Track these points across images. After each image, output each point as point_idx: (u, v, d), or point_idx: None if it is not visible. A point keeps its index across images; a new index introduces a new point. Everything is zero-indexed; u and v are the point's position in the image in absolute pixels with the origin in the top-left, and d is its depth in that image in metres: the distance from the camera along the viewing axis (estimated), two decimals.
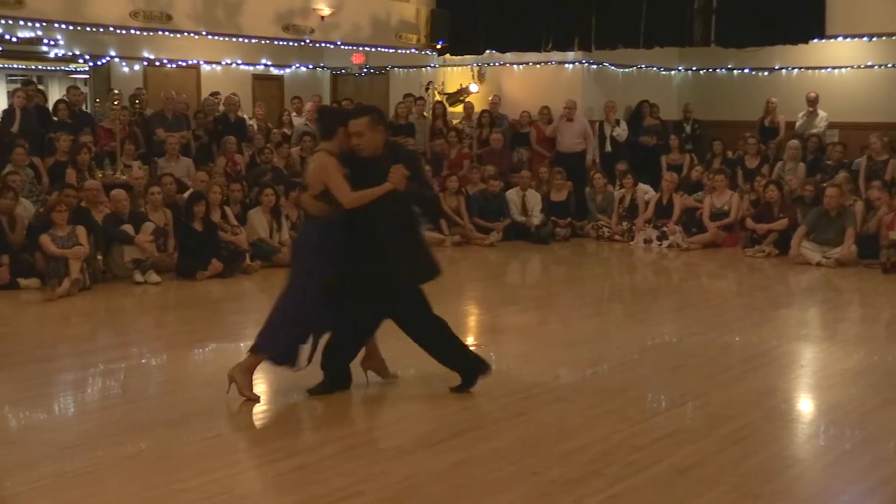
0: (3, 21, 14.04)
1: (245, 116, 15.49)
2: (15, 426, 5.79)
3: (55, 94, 19.13)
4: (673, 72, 18.10)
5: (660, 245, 13.33)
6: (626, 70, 17.21)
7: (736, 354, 7.66)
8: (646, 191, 14.19)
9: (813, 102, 15.22)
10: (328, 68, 19.64)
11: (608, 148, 15.84)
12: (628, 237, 13.79)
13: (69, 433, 5.61)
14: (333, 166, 6.00)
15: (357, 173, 6.02)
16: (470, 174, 14.52)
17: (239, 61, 18.05)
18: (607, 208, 14.35)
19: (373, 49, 17.46)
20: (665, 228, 13.43)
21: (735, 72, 17.40)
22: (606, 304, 10.14)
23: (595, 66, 16.75)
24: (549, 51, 16.21)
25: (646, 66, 17.39)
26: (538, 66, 16.99)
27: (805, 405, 6.48)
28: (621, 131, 15.93)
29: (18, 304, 9.40)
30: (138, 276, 10.18)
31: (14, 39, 15.18)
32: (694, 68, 17.96)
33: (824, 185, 12.66)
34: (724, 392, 6.45)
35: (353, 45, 17.17)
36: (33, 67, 20.32)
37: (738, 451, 5.27)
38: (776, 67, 16.78)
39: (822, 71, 16.33)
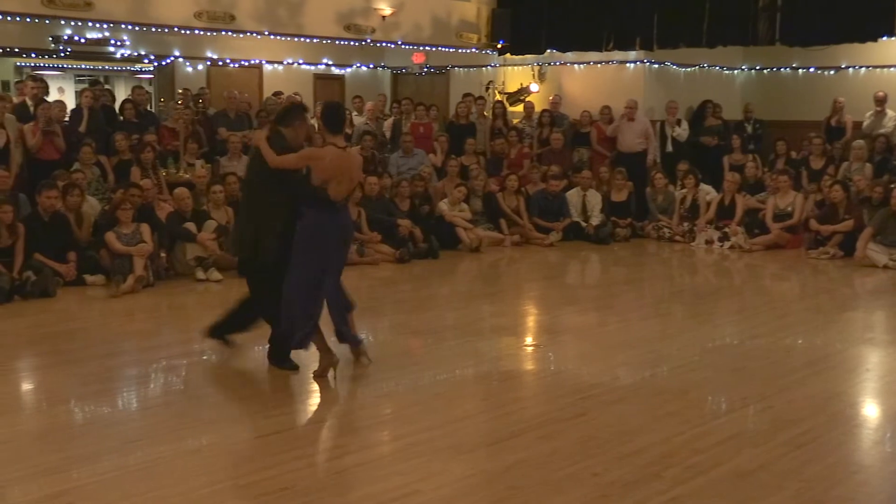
0: (72, 23, 14.32)
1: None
2: (80, 420, 5.89)
3: (121, 93, 19.46)
4: (736, 71, 17.88)
5: (721, 246, 13.18)
6: (689, 69, 17.04)
7: (799, 358, 7.55)
8: (707, 191, 14.04)
9: (881, 102, 14.93)
10: (389, 68, 19.71)
11: (669, 148, 15.70)
12: (689, 238, 13.65)
13: (132, 427, 5.71)
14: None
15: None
16: (530, 174, 14.48)
17: (300, 61, 18.20)
18: (668, 209, 14.23)
19: (433, 49, 17.49)
20: (727, 229, 13.28)
21: (800, 71, 17.15)
22: (666, 305, 10.05)
23: (657, 66, 16.61)
24: (610, 50, 16.11)
25: (708, 66, 17.21)
26: (599, 65, 16.89)
27: (870, 410, 6.37)
28: (682, 131, 15.78)
29: (84, 300, 9.57)
30: (200, 274, 10.31)
31: (82, 41, 15.47)
32: (758, 67, 17.73)
33: (893, 185, 12.42)
34: (787, 396, 6.36)
35: (413, 45, 17.22)
36: (100, 68, 20.71)
37: (801, 456, 5.19)
38: (842, 66, 16.50)
39: (891, 69, 16.01)
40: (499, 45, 17.27)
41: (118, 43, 16.03)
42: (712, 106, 16.24)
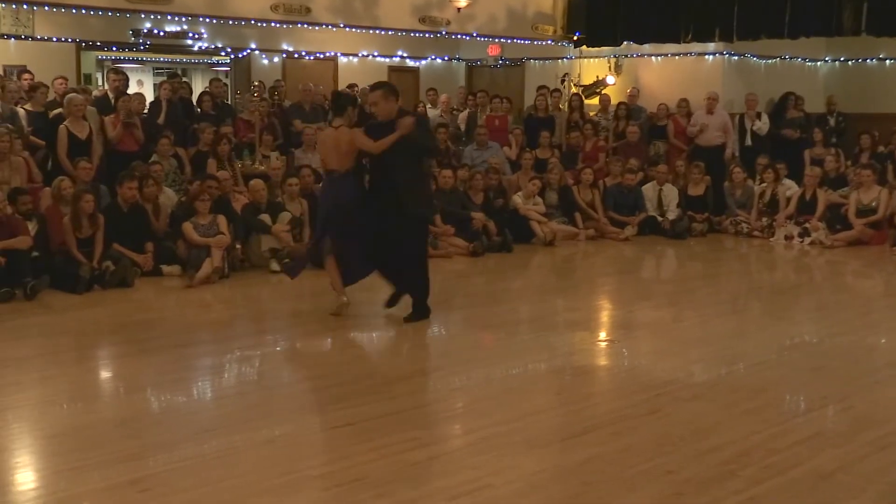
0: (152, 16, 14.58)
1: None
2: (157, 408, 6.00)
3: (198, 86, 19.74)
4: (819, 62, 17.55)
5: (801, 242, 12.95)
6: (769, 61, 16.77)
7: (882, 357, 7.39)
8: (788, 186, 13.80)
9: None
10: (464, 60, 19.73)
11: (748, 142, 15.47)
12: (768, 233, 13.44)
13: (207, 416, 5.80)
14: (358, 132, 8.08)
15: (378, 134, 7.96)
16: (606, 167, 14.39)
17: (375, 53, 18.31)
18: (746, 203, 14.02)
19: (509, 41, 17.46)
20: (807, 225, 13.05)
21: (888, 62, 16.75)
22: (744, 301, 9.91)
23: (736, 58, 16.38)
24: (688, 42, 15.92)
25: (790, 57, 16.92)
26: (677, 57, 16.71)
27: None
28: (762, 124, 15.53)
29: (161, 290, 9.74)
30: (274, 266, 10.42)
31: (161, 34, 15.75)
32: (842, 59, 17.37)
33: None
34: (869, 396, 6.23)
35: (489, 37, 17.21)
36: (178, 60, 21.03)
37: (884, 458, 5.08)
38: None
39: None
40: (575, 37, 17.18)
41: (196, 36, 16.29)
42: (794, 98, 15.96)
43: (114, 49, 17.71)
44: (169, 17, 14.73)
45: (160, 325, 8.25)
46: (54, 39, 15.52)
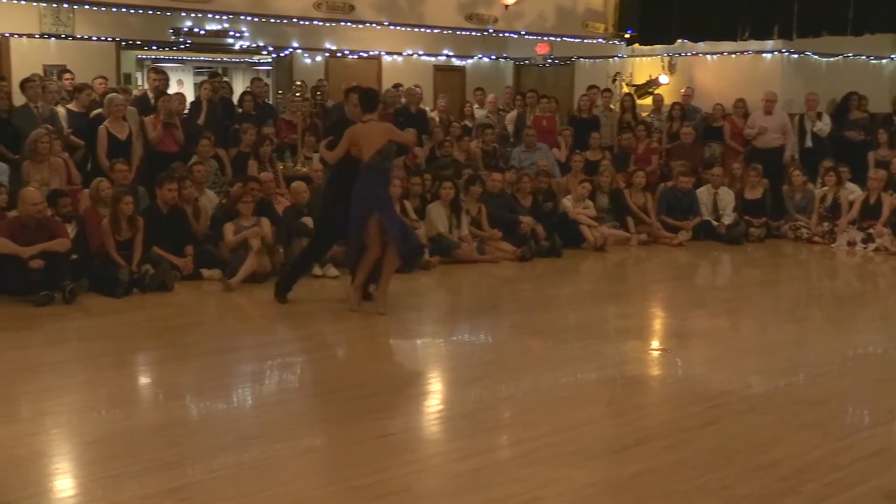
0: (192, 15, 14.72)
1: (426, 108, 15.70)
2: (196, 415, 6.04)
3: (238, 85, 19.89)
4: (884, 60, 17.31)
5: (865, 248, 12.77)
6: (831, 59, 16.57)
7: None
8: (852, 190, 13.61)
9: None
10: (511, 59, 19.72)
11: (808, 143, 15.28)
12: (829, 239, 13.27)
13: (247, 424, 5.82)
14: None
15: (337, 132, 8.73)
16: (659, 170, 14.30)
17: (420, 52, 18.34)
18: (807, 207, 13.85)
19: (558, 39, 17.43)
20: (871, 230, 12.86)
21: None
22: (804, 309, 9.79)
23: (796, 56, 16.20)
24: (745, 39, 15.78)
25: (853, 55, 16.71)
26: (734, 55, 16.57)
27: None
28: (823, 125, 15.32)
29: (201, 294, 9.81)
30: (317, 270, 10.43)
31: (202, 32, 15.89)
32: None
33: None
34: None
35: (537, 35, 17.18)
36: (219, 59, 21.22)
37: None
38: None
39: None
40: (627, 35, 17.10)
41: (237, 34, 16.42)
42: (857, 98, 15.72)
43: (154, 48, 17.92)
44: (210, 16, 14.87)
45: (200, 330, 8.31)
46: (94, 39, 15.72)
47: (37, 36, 15.22)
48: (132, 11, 13.91)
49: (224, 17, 15.05)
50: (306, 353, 7.64)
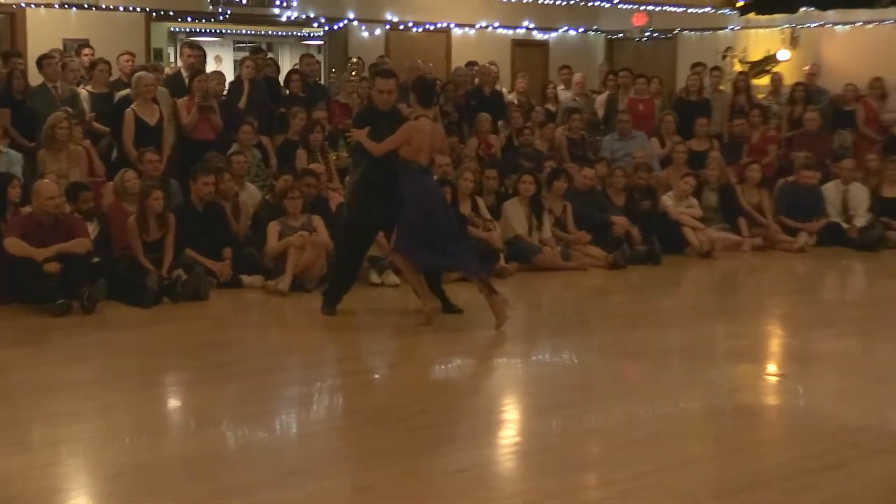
0: None
1: (503, 90, 15.68)
2: (234, 445, 6.08)
3: (286, 63, 20.07)
4: None
5: None
6: None
7: None
8: None
9: None
10: (603, 32, 19.66)
11: None
12: None
13: (292, 457, 5.84)
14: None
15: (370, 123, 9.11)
16: (778, 162, 14.15)
17: (496, 24, 18.36)
18: None
19: (658, 8, 17.34)
20: None
21: None
22: None
23: None
24: (885, 6, 15.55)
25: None
26: (869, 26, 16.37)
27: None
28: None
29: (241, 304, 9.90)
30: (374, 277, 10.46)
31: (243, 2, 16.05)
32: None
33: None
34: None
35: (633, 4, 17.10)
36: (263, 33, 21.43)
37: None
38: None
39: None
40: (740, 3, 16.94)
41: (284, 4, 16.56)
42: None
43: (189, 20, 18.12)
44: None
45: (238, 347, 8.37)
46: (121, 9, 15.96)
47: (56, 6, 15.50)
48: None
49: None
50: (361, 375, 7.66)
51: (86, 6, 15.64)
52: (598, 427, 6.35)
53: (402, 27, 17.76)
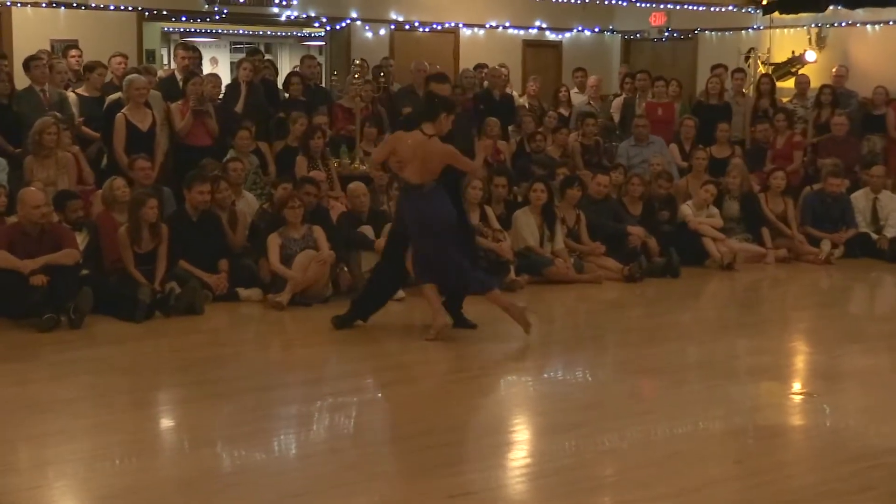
0: None
1: (514, 93, 15.71)
2: (230, 467, 6.09)
3: (285, 65, 20.12)
4: None
5: None
6: None
7: None
8: None
9: None
10: (619, 32, 19.68)
11: None
12: None
13: (292, 479, 5.84)
14: (455, 152, 8.91)
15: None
16: (803, 169, 14.14)
17: (507, 24, 18.40)
18: None
19: (677, 7, 17.34)
20: None
21: None
22: None
23: None
24: None
25: None
26: None
27: None
28: None
29: (238, 319, 9.91)
30: None
31: (240, 1, 16.08)
32: None
33: None
34: None
35: (651, 3, 17.12)
36: (261, 33, 21.49)
37: None
38: None
39: None
40: (763, 2, 16.96)
41: (283, 3, 16.60)
42: None
43: (183, 19, 18.19)
44: None
45: (236, 364, 8.38)
46: (111, 8, 16.01)
47: (43, 5, 15.56)
48: None
49: None
50: (364, 392, 7.67)
51: (74, 5, 15.70)
52: (613, 448, 6.36)
53: (407, 27, 17.79)
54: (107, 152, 11.82)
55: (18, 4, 15.35)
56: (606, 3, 17.17)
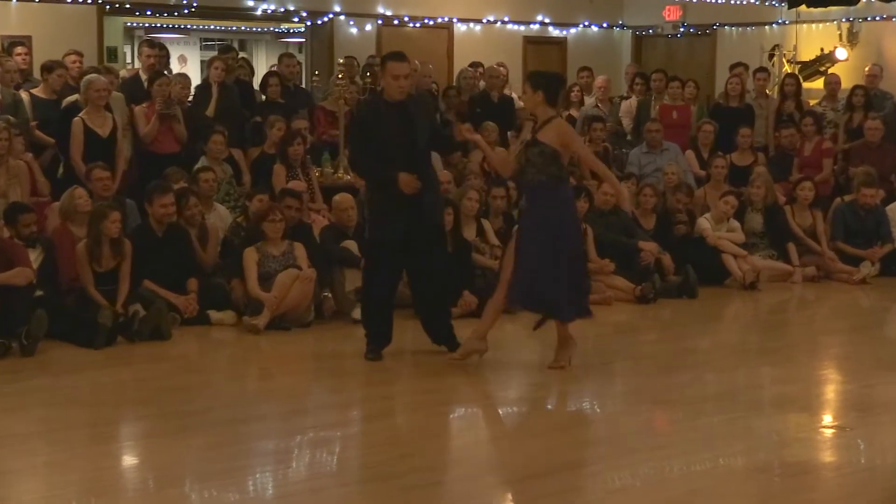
0: None
1: (513, 95, 15.74)
2: None
3: (261, 64, 20.12)
4: None
5: None
6: None
7: None
8: None
9: None
10: (629, 27, 19.73)
11: None
12: None
13: None
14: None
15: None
16: (834, 179, 14.18)
17: (506, 18, 18.42)
18: None
19: (693, 0, 17.39)
20: None
21: None
22: None
23: None
24: None
25: None
26: None
27: None
28: None
29: (210, 344, 9.91)
30: (358, 314, 10.43)
31: None
32: None
33: None
34: None
35: None
36: (234, 29, 21.50)
37: None
38: None
39: None
40: None
41: None
42: None
43: (148, 13, 18.20)
44: None
45: (207, 393, 8.39)
46: (68, 1, 16.00)
47: None
48: None
49: None
50: (349, 426, 7.68)
51: None
52: (625, 486, 6.36)
53: (396, 22, 17.81)
54: (63, 160, 11.78)
55: None
56: None
